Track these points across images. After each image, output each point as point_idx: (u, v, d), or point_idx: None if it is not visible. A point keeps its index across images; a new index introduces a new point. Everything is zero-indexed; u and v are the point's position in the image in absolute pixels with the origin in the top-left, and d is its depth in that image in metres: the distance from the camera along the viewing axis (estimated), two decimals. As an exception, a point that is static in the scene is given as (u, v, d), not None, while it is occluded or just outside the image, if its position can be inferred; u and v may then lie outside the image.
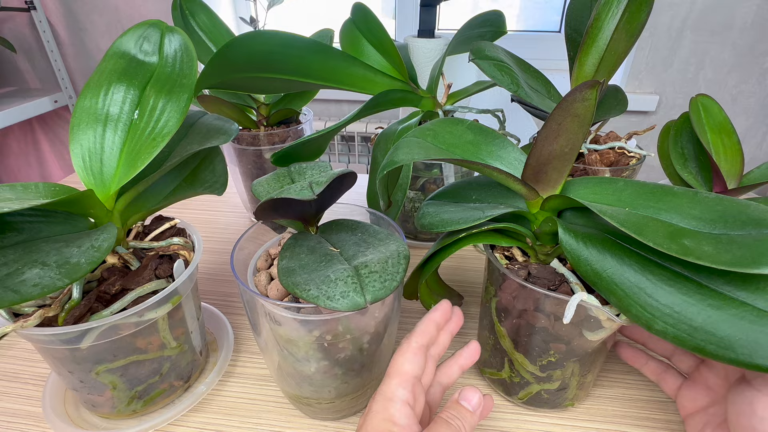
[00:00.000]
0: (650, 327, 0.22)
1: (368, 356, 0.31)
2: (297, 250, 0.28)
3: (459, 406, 0.26)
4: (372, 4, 0.53)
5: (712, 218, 0.23)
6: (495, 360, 0.36)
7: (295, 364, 0.31)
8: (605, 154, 0.48)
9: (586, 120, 0.25)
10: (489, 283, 0.34)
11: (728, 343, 0.20)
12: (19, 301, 0.21)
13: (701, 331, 0.21)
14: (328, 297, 0.23)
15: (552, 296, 0.28)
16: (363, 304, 0.23)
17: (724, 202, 0.24)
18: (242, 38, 0.34)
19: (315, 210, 0.31)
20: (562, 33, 0.55)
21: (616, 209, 0.25)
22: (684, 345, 0.21)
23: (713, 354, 0.20)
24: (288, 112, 0.56)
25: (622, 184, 0.28)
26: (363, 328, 0.29)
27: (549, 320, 0.30)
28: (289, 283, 0.25)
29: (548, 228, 0.29)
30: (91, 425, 0.34)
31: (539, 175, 0.28)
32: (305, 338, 0.28)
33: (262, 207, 0.26)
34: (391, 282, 0.24)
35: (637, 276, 0.24)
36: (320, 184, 0.27)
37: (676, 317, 0.22)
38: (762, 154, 1.26)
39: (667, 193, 0.25)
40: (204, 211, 0.67)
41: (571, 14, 0.47)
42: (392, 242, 0.28)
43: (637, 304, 0.23)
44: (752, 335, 0.20)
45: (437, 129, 0.34)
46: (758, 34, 1.10)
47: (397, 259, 0.26)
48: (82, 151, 0.30)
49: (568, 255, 0.26)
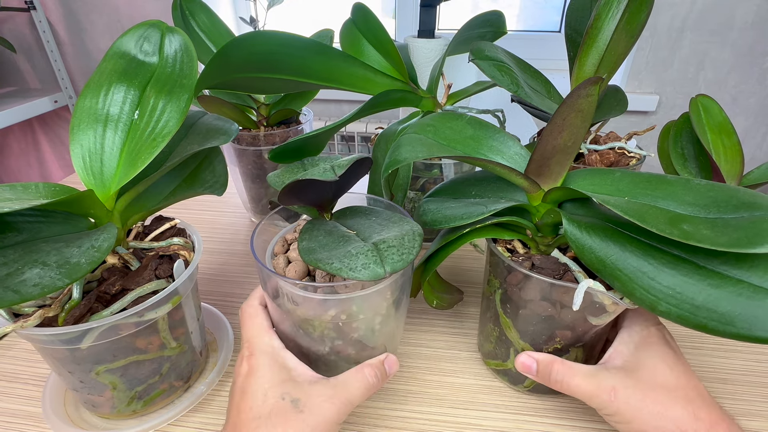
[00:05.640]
0: (654, 308, 0.23)
1: (379, 338, 0.33)
2: (315, 233, 0.29)
3: (382, 366, 0.30)
4: (372, 4, 0.53)
5: (705, 203, 0.24)
6: (500, 351, 0.37)
7: (309, 344, 0.32)
8: (605, 154, 0.48)
9: (588, 114, 0.26)
10: (492, 276, 0.34)
11: (729, 318, 0.21)
12: (19, 301, 0.21)
13: (703, 309, 0.22)
14: (350, 269, 0.25)
15: (559, 285, 0.29)
16: (383, 274, 0.25)
17: (716, 188, 0.25)
18: (242, 38, 0.34)
19: (332, 195, 0.32)
20: (562, 33, 0.55)
21: (617, 198, 0.26)
22: (688, 324, 0.22)
23: (715, 330, 0.21)
24: (288, 112, 0.56)
25: (619, 174, 0.29)
26: (375, 308, 0.31)
27: (555, 308, 0.30)
28: (311, 259, 0.26)
29: (550, 219, 0.30)
30: (91, 425, 0.34)
31: (542, 169, 0.29)
32: (321, 317, 0.29)
33: (286, 190, 0.28)
34: (408, 255, 0.26)
35: (640, 261, 0.25)
36: (342, 166, 0.29)
37: (679, 297, 0.23)
38: (762, 154, 1.26)
39: (662, 182, 0.27)
40: (204, 211, 0.67)
41: (571, 14, 0.47)
42: (405, 223, 0.29)
43: (641, 287, 0.24)
44: (750, 310, 0.21)
45: (437, 124, 0.34)
46: (758, 34, 1.10)
47: (412, 236, 0.27)
48: (82, 151, 0.30)
49: (572, 244, 0.27)
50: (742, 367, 0.40)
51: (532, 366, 0.31)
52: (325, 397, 0.28)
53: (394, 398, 0.37)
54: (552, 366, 0.30)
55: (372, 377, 0.29)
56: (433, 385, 0.38)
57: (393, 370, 0.31)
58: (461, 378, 0.39)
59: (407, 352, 0.42)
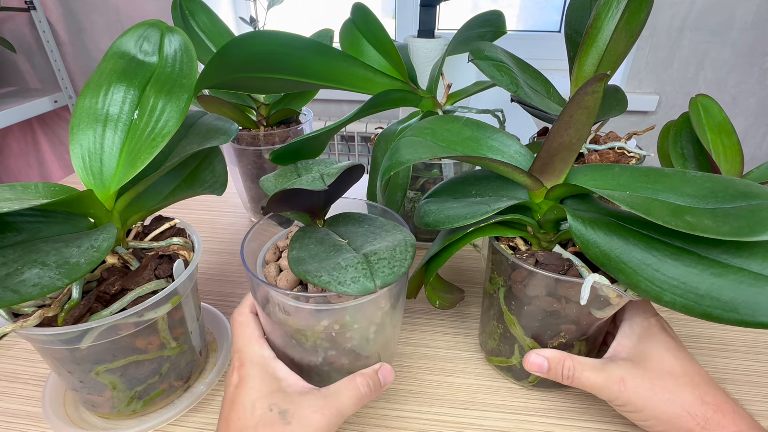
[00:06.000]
0: (659, 299, 0.24)
1: (374, 346, 0.32)
2: (306, 242, 0.29)
3: (376, 376, 0.29)
4: (372, 4, 0.53)
5: (704, 194, 0.25)
6: (504, 348, 0.37)
7: (302, 354, 0.31)
8: (605, 154, 0.48)
9: (593, 111, 0.26)
10: (495, 274, 0.35)
11: (732, 306, 0.22)
12: (19, 301, 0.21)
13: (707, 297, 0.23)
14: (339, 282, 0.24)
15: (565, 280, 0.29)
16: (373, 288, 0.24)
17: (712, 179, 0.25)
18: (242, 38, 0.34)
19: (323, 202, 0.32)
20: (562, 33, 0.55)
21: (620, 193, 0.27)
22: (692, 313, 0.23)
23: (719, 318, 0.22)
24: (288, 112, 0.56)
25: (618, 170, 0.29)
26: (369, 318, 0.30)
27: (560, 303, 0.31)
28: (300, 271, 0.25)
29: (552, 216, 0.30)
30: (91, 425, 0.34)
31: (546, 167, 0.29)
32: (314, 328, 0.29)
33: (274, 198, 0.27)
34: (399, 268, 0.25)
35: (643, 253, 0.25)
36: (331, 175, 0.28)
37: (683, 287, 0.23)
38: (762, 154, 1.26)
39: (660, 175, 0.27)
40: (204, 211, 0.67)
41: (571, 14, 0.47)
42: (398, 232, 0.29)
43: (646, 279, 0.24)
44: (752, 297, 0.22)
45: (435, 127, 0.34)
46: (758, 34, 1.10)
47: (405, 247, 0.27)
48: (82, 151, 0.30)
49: (577, 240, 0.27)
50: (742, 367, 0.40)
51: (543, 364, 0.31)
52: (314, 408, 0.27)
53: (394, 398, 0.37)
54: (563, 362, 0.31)
55: (364, 387, 0.29)
56: (433, 385, 0.39)
57: (388, 380, 0.30)
58: (461, 378, 0.39)
59: (407, 352, 0.42)
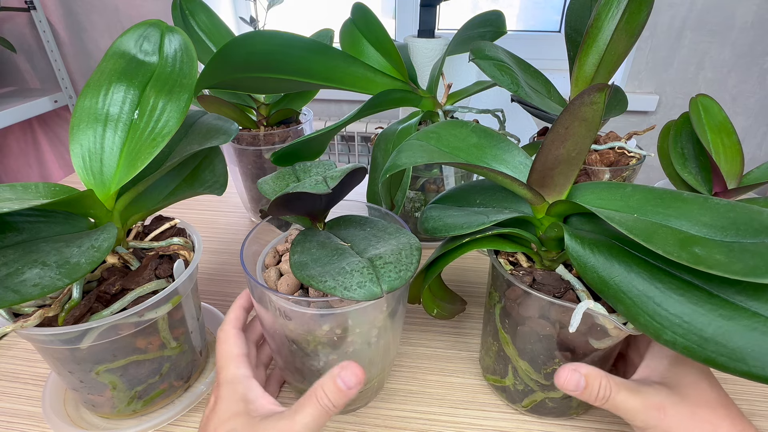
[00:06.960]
0: (659, 337, 0.22)
1: (375, 350, 0.32)
2: (307, 245, 0.28)
3: (334, 385, 0.25)
4: (372, 4, 0.53)
5: (723, 225, 0.22)
6: (499, 366, 0.35)
7: (304, 359, 0.31)
8: (605, 154, 0.48)
9: (594, 124, 0.24)
10: (493, 288, 0.33)
11: (740, 355, 0.20)
12: (19, 301, 0.21)
13: (712, 342, 0.21)
14: (345, 287, 0.24)
15: (557, 304, 0.27)
16: (380, 293, 0.23)
17: (737, 208, 0.23)
18: (242, 38, 0.34)
19: (325, 205, 0.31)
20: (562, 33, 0.55)
21: (624, 215, 0.25)
22: (694, 356, 0.21)
23: (724, 366, 0.20)
24: (288, 112, 0.56)
25: (630, 190, 0.27)
26: (371, 321, 0.30)
27: (554, 328, 0.29)
28: (303, 276, 0.25)
29: (554, 234, 0.29)
30: (91, 425, 0.34)
31: (545, 180, 0.28)
32: (315, 332, 0.28)
33: (277, 202, 0.26)
34: (405, 272, 0.25)
35: (646, 284, 0.23)
36: (335, 178, 0.27)
37: (686, 327, 0.21)
38: (762, 154, 1.26)
39: (677, 199, 0.25)
40: (204, 211, 0.67)
41: (571, 14, 0.47)
42: (402, 235, 0.28)
43: (646, 313, 0.22)
44: (765, 347, 0.19)
45: (441, 132, 0.33)
46: (758, 34, 1.10)
47: (410, 251, 0.26)
48: (82, 151, 0.30)
49: (574, 262, 0.25)
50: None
51: (580, 382, 0.26)
52: None
53: (394, 398, 0.37)
54: (600, 380, 0.27)
55: (323, 399, 0.25)
56: (433, 385, 0.38)
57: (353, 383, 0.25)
58: (461, 378, 0.39)
59: (407, 352, 0.42)
